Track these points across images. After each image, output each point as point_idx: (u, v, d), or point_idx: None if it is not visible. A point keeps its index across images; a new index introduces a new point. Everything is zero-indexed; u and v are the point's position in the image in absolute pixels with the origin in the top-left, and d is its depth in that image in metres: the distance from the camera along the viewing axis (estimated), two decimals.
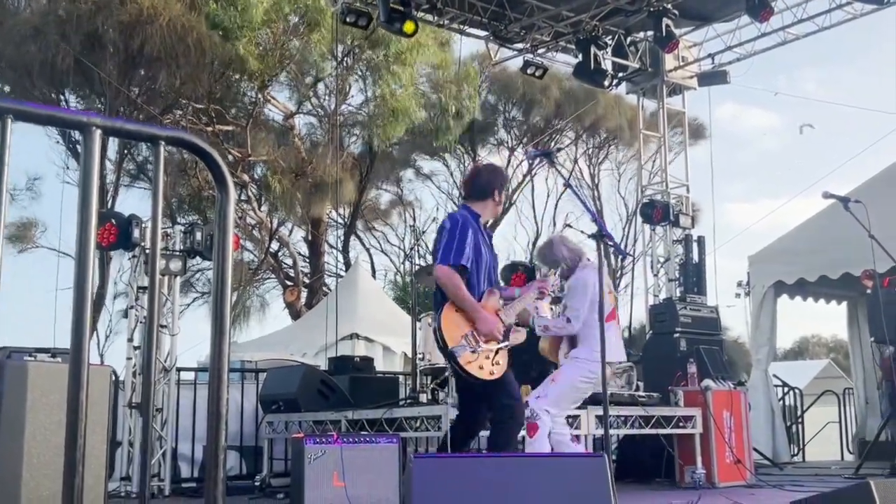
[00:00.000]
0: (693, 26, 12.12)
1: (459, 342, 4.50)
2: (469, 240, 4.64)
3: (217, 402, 1.87)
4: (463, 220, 4.72)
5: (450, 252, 4.61)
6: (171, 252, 7.56)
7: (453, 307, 4.58)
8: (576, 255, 5.76)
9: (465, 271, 4.62)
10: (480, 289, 4.71)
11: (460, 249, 4.61)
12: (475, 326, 4.57)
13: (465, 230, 4.66)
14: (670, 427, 7.26)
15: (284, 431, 7.73)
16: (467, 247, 4.62)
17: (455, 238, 4.64)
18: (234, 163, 17.26)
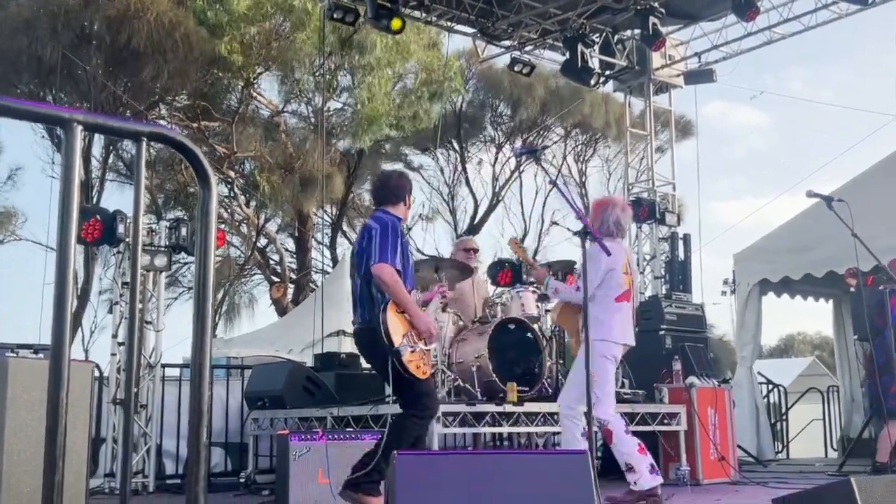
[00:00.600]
0: (680, 25, 12.17)
1: (402, 341, 4.60)
2: (400, 238, 4.76)
3: (199, 399, 1.87)
4: (391, 222, 4.82)
5: (387, 252, 4.68)
6: (156, 248, 7.54)
7: (394, 308, 4.67)
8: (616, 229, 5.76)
9: (398, 273, 4.70)
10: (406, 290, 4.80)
11: (394, 250, 4.70)
12: (412, 326, 4.69)
13: (395, 232, 4.76)
14: (655, 424, 7.28)
15: (270, 428, 7.72)
16: (398, 246, 4.73)
17: (388, 239, 4.72)
18: (220, 159, 17.20)
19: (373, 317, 4.70)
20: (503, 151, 24.18)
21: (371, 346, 4.78)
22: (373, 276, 4.69)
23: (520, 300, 7.06)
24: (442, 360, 6.44)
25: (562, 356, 7.62)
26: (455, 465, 3.01)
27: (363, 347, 5.00)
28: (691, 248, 11.52)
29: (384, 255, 4.68)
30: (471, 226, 24.00)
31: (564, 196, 5.31)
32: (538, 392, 6.76)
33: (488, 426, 6.36)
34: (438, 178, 25.34)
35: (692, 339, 8.74)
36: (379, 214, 4.93)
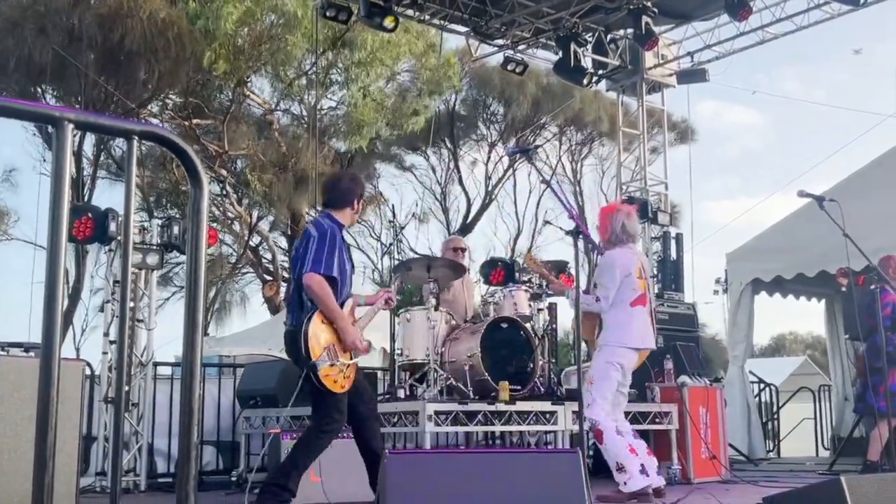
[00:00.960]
0: (672, 24, 12.20)
1: (322, 355, 4.53)
2: (336, 251, 4.66)
3: (189, 397, 1.87)
4: (331, 230, 4.72)
5: (320, 261, 4.60)
6: (148, 246, 7.52)
7: (320, 318, 4.59)
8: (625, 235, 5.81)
9: (334, 282, 4.62)
10: (342, 299, 4.72)
11: (330, 260, 4.61)
12: (339, 338, 4.61)
13: (333, 241, 4.67)
14: (646, 423, 7.29)
15: (262, 427, 7.71)
16: (336, 258, 4.63)
17: (325, 248, 4.64)
18: (212, 157, 17.17)
19: (300, 323, 4.62)
20: (496, 150, 24.20)
21: (295, 352, 4.68)
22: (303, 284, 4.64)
23: (512, 299, 7.07)
24: (434, 360, 6.45)
25: (554, 355, 7.63)
26: (446, 464, 3.02)
27: (288, 351, 4.87)
28: (683, 248, 11.55)
29: (317, 264, 4.61)
30: (463, 225, 24.01)
31: (557, 195, 5.33)
32: (530, 391, 6.76)
33: (480, 425, 6.36)
34: (431, 177, 25.36)
35: (684, 339, 8.76)
36: (320, 220, 4.85)
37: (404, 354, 6.83)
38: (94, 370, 7.64)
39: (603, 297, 5.66)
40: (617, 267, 5.64)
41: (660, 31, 11.48)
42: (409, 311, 6.97)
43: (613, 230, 5.79)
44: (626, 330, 5.68)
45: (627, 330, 5.69)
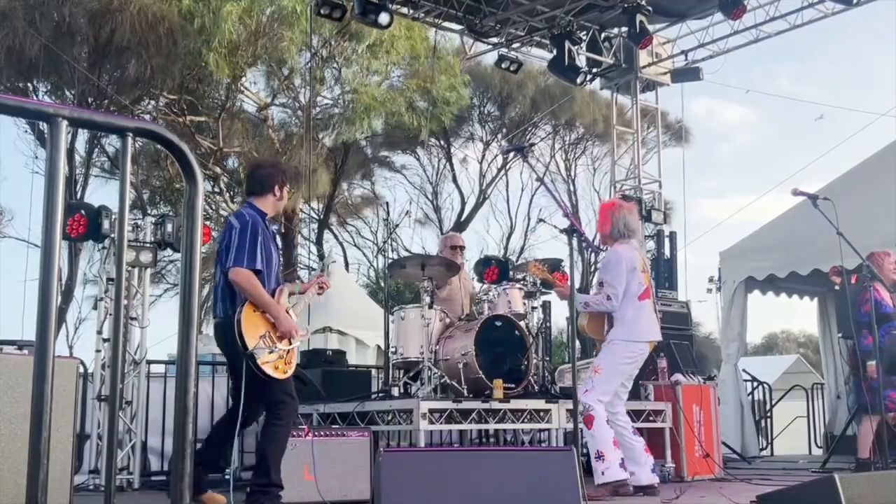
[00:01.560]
0: (667, 23, 12.21)
1: (258, 343, 4.54)
2: (259, 241, 4.65)
3: (184, 395, 1.86)
4: (252, 220, 4.71)
5: (243, 254, 4.61)
6: (142, 244, 7.49)
7: (251, 308, 4.59)
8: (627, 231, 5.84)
9: (260, 273, 4.63)
10: (270, 288, 4.73)
11: (252, 252, 4.61)
12: (273, 326, 4.63)
13: (255, 232, 4.66)
14: (640, 421, 7.29)
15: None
16: (258, 249, 4.63)
17: (247, 240, 4.63)
18: (206, 154, 17.14)
19: (232, 313, 4.63)
20: (490, 149, 24.21)
21: (228, 343, 4.68)
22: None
23: (507, 297, 7.07)
24: (428, 357, 6.45)
25: (548, 353, 7.63)
26: (441, 462, 3.02)
27: (220, 342, 4.87)
28: (677, 246, 11.56)
29: (240, 258, 4.61)
30: (457, 223, 24.01)
31: (551, 193, 5.33)
32: (525, 389, 6.76)
33: (474, 423, 6.36)
34: (423, 175, 25.36)
35: (678, 337, 8.77)
36: (242, 210, 4.82)
37: (398, 352, 6.83)
38: (88, 368, 7.62)
39: (613, 296, 5.68)
40: (623, 262, 5.66)
41: (654, 29, 11.48)
42: (404, 309, 6.97)
43: (615, 226, 5.83)
44: (637, 325, 5.74)
45: (638, 324, 5.75)
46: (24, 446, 1.62)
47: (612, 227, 5.84)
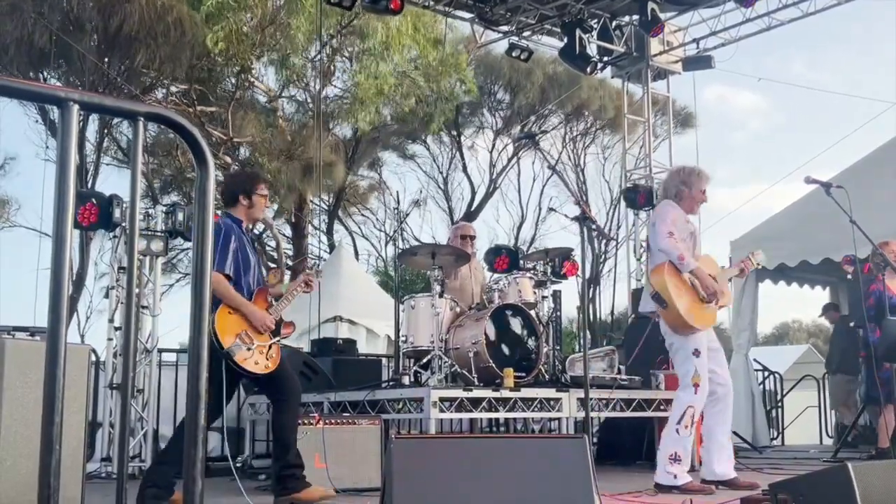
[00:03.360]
0: (678, 11, 12.11)
1: (234, 342, 4.75)
2: (231, 247, 4.90)
3: (196, 381, 1.86)
4: (226, 227, 4.97)
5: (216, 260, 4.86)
6: (153, 232, 7.51)
7: (226, 309, 4.82)
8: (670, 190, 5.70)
9: (229, 279, 4.86)
10: (251, 289, 4.97)
11: (223, 257, 4.87)
12: (248, 323, 4.83)
13: (227, 238, 4.91)
14: (651, 410, 7.29)
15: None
16: (229, 255, 4.88)
17: (218, 246, 4.88)
18: (217, 144, 17.15)
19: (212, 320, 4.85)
20: (500, 138, 24.16)
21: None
22: None
23: (517, 286, 7.06)
24: (439, 346, 6.45)
25: (558, 342, 7.62)
26: (453, 449, 3.01)
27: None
28: None
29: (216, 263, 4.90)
30: (467, 212, 23.99)
31: (563, 181, 5.31)
32: (535, 378, 6.76)
33: (485, 412, 6.36)
34: (433, 164, 25.32)
35: None
36: (219, 220, 5.06)
37: (409, 341, 6.83)
38: (99, 356, 7.65)
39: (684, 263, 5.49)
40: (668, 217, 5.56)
41: (665, 17, 11.41)
42: (414, 298, 6.97)
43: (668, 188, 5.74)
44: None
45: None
46: (37, 433, 1.62)
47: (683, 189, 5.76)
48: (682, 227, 5.56)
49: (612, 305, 23.16)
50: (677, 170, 5.88)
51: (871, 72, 43.69)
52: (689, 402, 5.46)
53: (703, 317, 5.46)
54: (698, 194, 5.70)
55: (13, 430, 3.09)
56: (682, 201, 5.66)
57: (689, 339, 5.46)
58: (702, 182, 5.71)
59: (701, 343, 5.48)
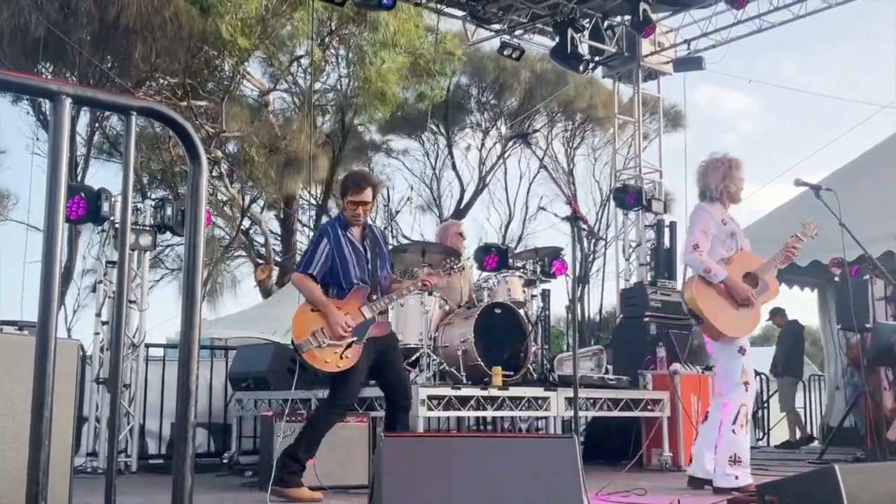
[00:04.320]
0: (670, 12, 12.14)
1: (306, 338, 4.96)
2: (321, 249, 5.11)
3: (187, 376, 1.85)
4: (322, 231, 5.29)
5: (303, 262, 5.23)
6: (141, 227, 7.48)
7: (308, 307, 5.09)
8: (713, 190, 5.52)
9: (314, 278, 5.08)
10: (347, 287, 5.11)
11: (310, 259, 5.13)
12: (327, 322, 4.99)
13: (318, 241, 5.20)
14: (639, 410, 7.31)
15: (253, 409, 7.70)
16: (318, 256, 5.10)
17: (310, 249, 5.28)
18: (207, 138, 17.09)
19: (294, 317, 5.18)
20: (489, 136, 24.15)
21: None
22: None
23: (506, 285, 7.06)
24: (428, 344, 6.44)
25: (547, 341, 7.63)
26: (442, 448, 3.01)
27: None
28: (677, 236, 11.54)
29: (299, 264, 5.32)
30: (457, 210, 23.98)
31: (554, 179, 5.33)
32: (523, 377, 6.77)
33: (473, 410, 6.36)
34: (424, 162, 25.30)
35: (677, 327, 8.76)
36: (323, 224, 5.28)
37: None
38: (86, 351, 7.62)
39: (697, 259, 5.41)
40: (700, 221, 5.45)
41: (657, 18, 11.44)
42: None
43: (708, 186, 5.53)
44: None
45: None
46: (25, 427, 1.61)
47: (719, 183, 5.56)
48: (719, 229, 5.42)
49: (601, 305, 23.19)
50: (710, 165, 5.58)
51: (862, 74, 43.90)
52: (741, 400, 5.38)
53: (742, 325, 5.38)
54: (739, 183, 5.53)
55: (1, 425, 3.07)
56: (722, 197, 5.50)
57: (735, 341, 5.41)
58: (739, 171, 5.54)
59: (745, 341, 5.48)
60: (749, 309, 5.33)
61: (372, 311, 5.08)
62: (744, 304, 5.31)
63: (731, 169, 5.50)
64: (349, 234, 5.19)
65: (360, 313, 5.05)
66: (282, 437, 5.46)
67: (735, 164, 5.53)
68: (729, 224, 5.48)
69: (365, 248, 5.21)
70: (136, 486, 6.34)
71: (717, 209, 5.48)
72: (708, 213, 5.47)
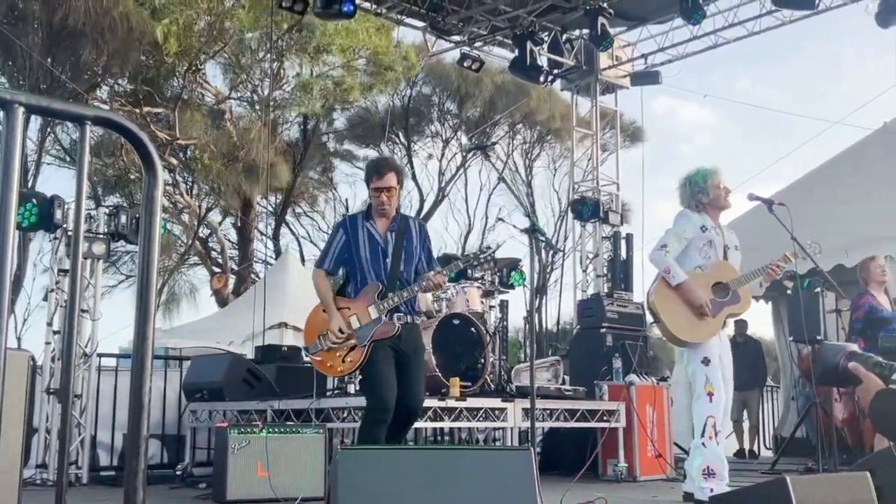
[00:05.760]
0: (627, 26, 12.30)
1: (314, 341, 4.78)
2: (336, 241, 4.88)
3: (139, 390, 1.83)
4: (339, 222, 5.11)
5: (320, 256, 5.06)
6: (95, 234, 7.37)
7: (321, 308, 4.85)
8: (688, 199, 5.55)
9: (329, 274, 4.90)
10: (365, 282, 4.78)
11: (325, 253, 4.96)
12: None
13: (334, 234, 4.99)
14: (595, 421, 7.36)
15: (208, 420, 7.62)
16: (332, 249, 4.88)
17: (327, 243, 5.03)
18: (162, 145, 16.90)
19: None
20: (450, 146, 24.21)
21: None
22: None
23: (465, 296, 7.08)
24: None
25: (504, 352, 7.66)
26: (399, 460, 3.00)
27: None
28: (633, 248, 11.65)
29: (318, 259, 5.11)
30: None
31: (512, 191, 5.35)
32: (481, 388, 6.78)
33: (430, 421, 6.35)
34: None
35: (632, 338, 8.85)
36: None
37: None
38: (37, 361, 7.47)
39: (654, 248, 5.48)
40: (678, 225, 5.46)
41: (615, 32, 11.56)
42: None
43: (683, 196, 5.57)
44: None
45: None
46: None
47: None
48: (696, 235, 5.42)
49: (558, 316, 23.34)
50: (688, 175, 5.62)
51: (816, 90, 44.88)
52: (707, 412, 5.35)
53: (698, 331, 5.34)
54: (717, 193, 5.51)
55: None
56: (704, 207, 5.52)
57: (697, 349, 5.36)
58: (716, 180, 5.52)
59: (711, 351, 5.36)
60: (709, 318, 5.35)
61: (380, 310, 4.71)
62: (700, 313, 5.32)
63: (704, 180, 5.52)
64: (370, 226, 4.84)
65: (367, 313, 4.71)
66: (236, 450, 5.40)
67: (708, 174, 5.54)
68: (708, 232, 5.48)
69: (387, 241, 4.84)
70: (87, 498, 6.23)
71: (699, 216, 5.51)
72: (687, 217, 5.50)
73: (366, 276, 4.78)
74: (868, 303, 7.13)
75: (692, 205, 5.54)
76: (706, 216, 5.53)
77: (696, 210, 5.52)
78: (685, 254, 5.42)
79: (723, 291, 5.42)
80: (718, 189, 5.53)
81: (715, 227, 5.55)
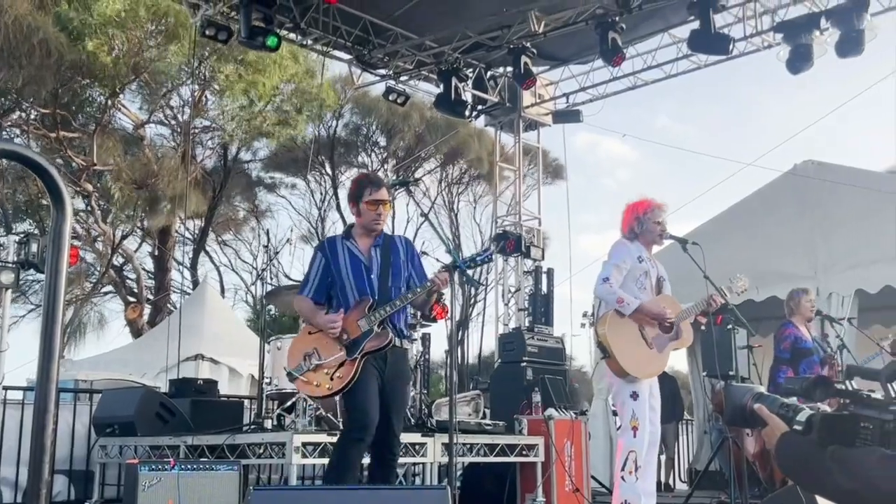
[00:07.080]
0: (549, 66, 12.55)
1: (297, 363, 4.69)
2: (315, 267, 4.85)
3: (41, 432, 1.76)
4: (317, 246, 4.96)
5: (301, 283, 5.00)
6: (3, 263, 7.13)
7: (306, 330, 4.82)
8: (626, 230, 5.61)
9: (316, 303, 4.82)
10: (348, 300, 4.76)
11: (305, 280, 4.92)
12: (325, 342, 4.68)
13: (313, 258, 4.90)
14: (514, 455, 7.37)
15: (119, 456, 7.38)
16: (312, 275, 4.85)
17: (307, 269, 4.93)
18: (78, 171, 16.48)
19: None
20: None
21: None
22: None
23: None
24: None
25: (426, 386, 7.62)
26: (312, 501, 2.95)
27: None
28: (554, 282, 11.78)
29: (300, 287, 5.00)
30: None
31: (436, 230, 5.39)
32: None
33: None
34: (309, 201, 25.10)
35: (552, 371, 8.92)
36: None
37: (273, 383, 6.69)
38: None
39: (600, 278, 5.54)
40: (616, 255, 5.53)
41: (538, 71, 11.77)
42: (280, 339, 6.84)
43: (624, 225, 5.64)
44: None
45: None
46: None
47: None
48: (633, 265, 5.50)
49: (480, 349, 23.42)
50: (627, 207, 5.72)
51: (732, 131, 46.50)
52: (629, 446, 5.37)
53: (646, 367, 5.43)
54: (653, 227, 5.62)
55: None
56: (639, 237, 5.61)
57: (629, 384, 5.40)
58: (655, 214, 5.62)
59: (641, 387, 5.41)
60: (657, 354, 5.44)
61: (370, 322, 4.66)
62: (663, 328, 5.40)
63: (643, 213, 5.63)
64: (350, 244, 4.84)
65: (357, 327, 4.66)
66: (146, 488, 5.23)
67: (648, 207, 5.65)
68: (644, 263, 5.58)
69: (371, 258, 4.82)
70: None
71: (636, 246, 5.60)
72: (625, 246, 5.59)
73: (348, 295, 4.75)
74: (793, 334, 7.40)
75: (629, 234, 5.64)
76: (641, 246, 5.64)
77: (630, 240, 5.64)
78: (623, 285, 5.51)
79: (667, 327, 5.53)
80: (657, 225, 5.64)
81: (649, 258, 5.67)
